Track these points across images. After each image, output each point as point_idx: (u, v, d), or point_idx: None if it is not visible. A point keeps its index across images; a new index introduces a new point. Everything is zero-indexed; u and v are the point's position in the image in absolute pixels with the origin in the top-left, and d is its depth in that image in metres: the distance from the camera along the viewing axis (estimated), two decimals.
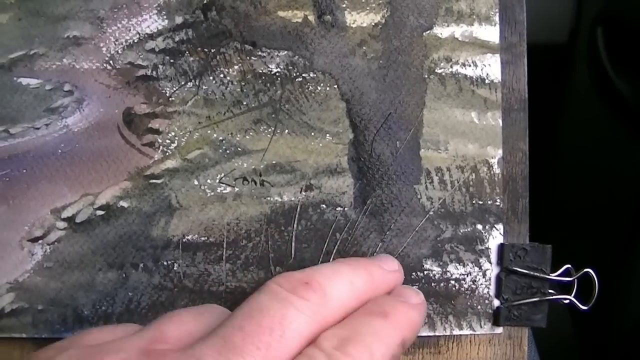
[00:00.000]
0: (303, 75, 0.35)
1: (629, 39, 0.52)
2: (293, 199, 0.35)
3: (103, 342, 0.26)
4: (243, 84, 0.35)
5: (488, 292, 0.36)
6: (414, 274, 0.35)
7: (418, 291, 0.31)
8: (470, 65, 0.36)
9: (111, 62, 0.35)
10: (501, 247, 0.36)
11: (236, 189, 0.35)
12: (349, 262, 0.30)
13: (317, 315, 0.26)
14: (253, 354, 0.23)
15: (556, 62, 0.61)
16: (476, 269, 0.36)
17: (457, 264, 0.36)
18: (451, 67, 0.36)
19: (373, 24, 0.35)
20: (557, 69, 0.62)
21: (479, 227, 0.36)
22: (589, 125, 0.60)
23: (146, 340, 0.26)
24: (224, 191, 0.35)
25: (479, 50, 0.36)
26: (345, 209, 0.35)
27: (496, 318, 0.36)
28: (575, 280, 0.36)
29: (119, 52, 0.35)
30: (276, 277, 0.27)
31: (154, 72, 0.35)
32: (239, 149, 0.35)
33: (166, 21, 0.35)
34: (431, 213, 0.35)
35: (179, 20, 0.35)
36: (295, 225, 0.35)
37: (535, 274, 0.36)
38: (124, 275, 0.34)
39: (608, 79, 0.54)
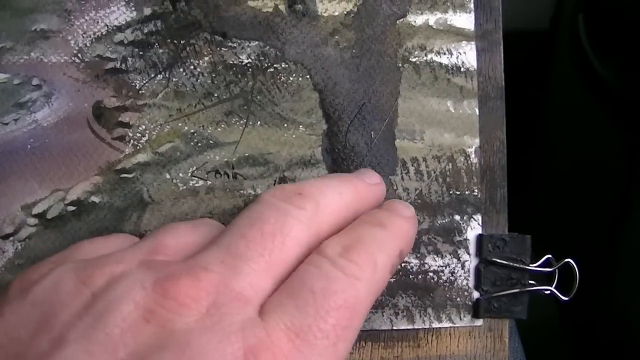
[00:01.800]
0: (275, 65, 0.34)
1: (610, 25, 0.52)
2: None
3: (98, 255, 0.26)
4: (214, 75, 0.34)
5: (467, 284, 0.35)
6: None
7: (408, 205, 0.32)
8: (445, 54, 0.35)
9: (80, 55, 0.34)
10: (480, 238, 0.35)
11: (209, 183, 0.34)
12: (336, 176, 0.32)
13: (312, 223, 0.26)
14: (257, 260, 0.24)
15: (537, 49, 0.61)
16: (455, 260, 0.35)
17: (435, 256, 0.35)
18: (426, 55, 0.35)
19: (345, 12, 0.35)
20: (539, 56, 0.61)
21: (457, 217, 0.35)
22: (572, 113, 0.59)
23: (145, 251, 0.26)
24: (197, 185, 0.34)
25: (454, 38, 0.35)
26: None
27: (476, 310, 0.35)
28: (556, 270, 0.35)
29: (88, 45, 0.34)
30: (269, 189, 0.28)
31: (123, 65, 0.34)
32: (211, 141, 0.34)
33: (134, 13, 0.34)
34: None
35: (147, 11, 0.34)
36: None
37: (515, 264, 0.35)
38: None
39: (590, 66, 0.53)
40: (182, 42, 0.34)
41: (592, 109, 0.55)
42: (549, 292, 0.35)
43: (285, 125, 0.35)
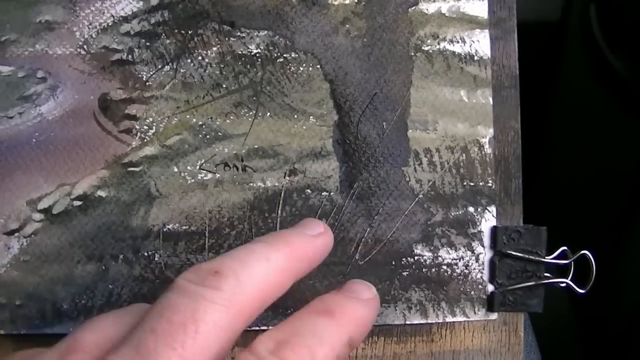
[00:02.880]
0: (284, 55, 0.34)
1: (623, 15, 0.51)
2: (277, 184, 0.34)
3: None
4: (222, 66, 0.34)
5: (481, 277, 0.35)
6: (404, 259, 0.34)
7: (370, 285, 0.28)
8: (458, 42, 0.34)
9: (85, 46, 0.34)
10: (494, 230, 0.35)
11: (217, 175, 0.34)
12: (266, 238, 0.27)
13: (232, 303, 0.23)
14: (168, 355, 0.21)
15: (548, 40, 0.60)
16: (469, 253, 0.35)
17: (449, 249, 0.34)
18: (438, 44, 0.34)
19: (356, 0, 0.34)
20: (550, 47, 0.60)
21: (471, 209, 0.34)
22: (583, 103, 0.59)
23: (61, 351, 0.24)
24: (205, 178, 0.34)
25: (467, 25, 0.34)
26: (331, 193, 0.34)
27: (490, 304, 0.35)
28: (572, 262, 0.34)
29: (93, 36, 0.34)
30: (184, 272, 0.25)
31: (130, 56, 0.33)
32: (220, 133, 0.34)
33: (141, 3, 0.34)
34: (420, 196, 0.34)
35: (154, 1, 0.33)
36: (279, 212, 0.34)
37: (530, 257, 0.34)
38: (103, 267, 0.33)
39: (602, 56, 0.52)
40: (189, 32, 0.34)
41: (603, 100, 0.54)
42: (565, 284, 0.35)
43: (296, 116, 0.34)
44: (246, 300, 0.24)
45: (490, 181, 0.35)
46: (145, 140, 0.33)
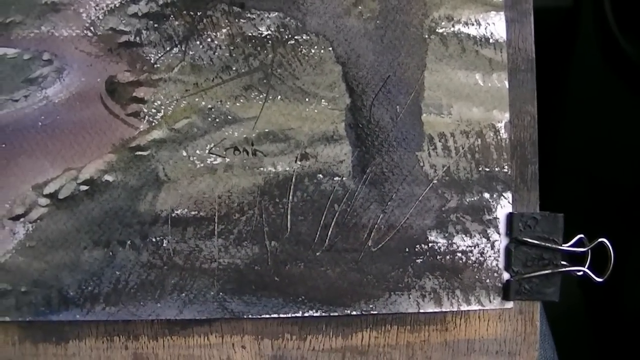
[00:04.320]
0: (295, 37, 0.33)
1: (636, 1, 0.50)
2: (288, 169, 0.33)
3: None
4: (232, 48, 0.33)
5: (497, 265, 0.34)
6: (417, 246, 0.33)
7: None
8: (473, 24, 0.34)
9: (92, 28, 0.33)
10: (510, 217, 0.34)
11: (227, 160, 0.33)
12: None
13: None
14: None
15: (561, 25, 0.59)
16: (484, 240, 0.34)
17: (464, 236, 0.34)
18: (453, 26, 0.34)
19: None
20: (562, 33, 0.59)
21: (486, 195, 0.34)
22: (596, 89, 0.58)
23: None
24: (214, 162, 0.33)
25: (482, 8, 0.34)
26: (344, 178, 0.33)
27: (506, 292, 0.34)
28: (589, 250, 0.34)
29: (100, 17, 0.33)
30: None
31: (138, 38, 0.33)
32: (229, 117, 0.33)
33: None
34: (435, 181, 0.33)
35: None
36: (290, 197, 0.33)
37: (547, 244, 0.34)
38: (110, 253, 0.32)
39: (616, 43, 0.52)
40: (198, 13, 0.33)
41: (615, 85, 0.53)
42: (581, 272, 0.34)
43: (307, 99, 0.33)
44: None
45: (506, 167, 0.34)
46: (153, 124, 0.33)
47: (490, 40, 0.34)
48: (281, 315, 0.33)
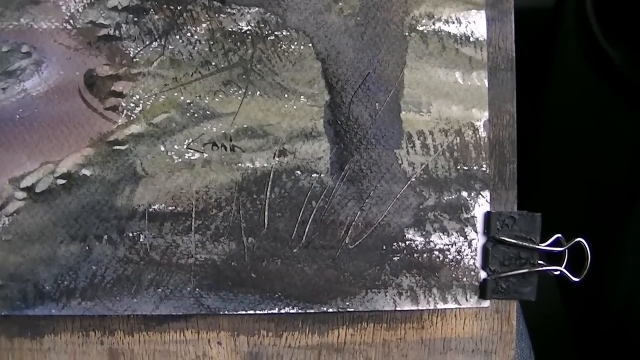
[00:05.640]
0: (275, 33, 0.33)
1: (616, 1, 0.50)
2: (266, 165, 0.33)
3: None
4: (212, 43, 0.33)
5: (474, 263, 0.34)
6: (395, 244, 0.33)
7: None
8: (453, 22, 0.34)
9: (71, 21, 0.33)
10: (488, 216, 0.34)
11: (205, 155, 0.33)
12: None
13: None
14: None
15: (543, 26, 0.59)
16: (461, 238, 0.34)
17: (441, 234, 0.34)
18: (433, 24, 0.34)
19: None
20: (544, 33, 0.60)
21: (464, 194, 0.34)
22: (578, 90, 0.58)
23: None
24: (192, 157, 0.33)
25: (463, 6, 0.34)
26: (322, 175, 0.33)
27: (483, 291, 0.34)
28: (566, 250, 0.34)
29: (80, 10, 0.33)
30: None
31: (117, 32, 0.33)
32: (208, 112, 0.33)
33: None
34: (413, 179, 0.33)
35: None
36: (268, 193, 0.33)
37: (524, 243, 0.34)
38: (87, 247, 0.32)
39: (596, 42, 0.52)
40: (178, 7, 0.33)
41: (596, 86, 0.53)
42: (559, 272, 0.34)
43: (286, 95, 0.33)
44: None
45: (484, 165, 0.34)
46: (131, 118, 0.33)
47: (471, 39, 0.34)
48: (257, 312, 0.33)
